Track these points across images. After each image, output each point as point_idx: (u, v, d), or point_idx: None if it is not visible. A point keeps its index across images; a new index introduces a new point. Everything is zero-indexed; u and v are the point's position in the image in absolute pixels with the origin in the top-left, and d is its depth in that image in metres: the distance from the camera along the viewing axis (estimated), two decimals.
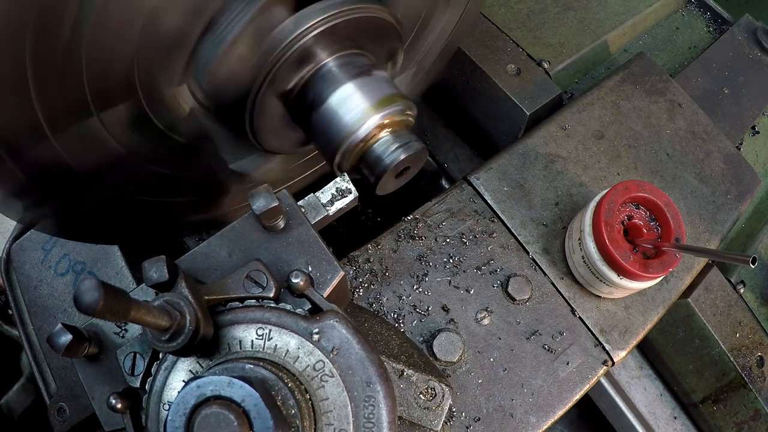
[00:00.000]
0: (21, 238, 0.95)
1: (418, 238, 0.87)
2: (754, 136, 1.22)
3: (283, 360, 0.53)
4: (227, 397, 0.43)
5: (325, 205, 0.71)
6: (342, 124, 0.62)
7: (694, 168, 1.00)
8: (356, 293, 0.82)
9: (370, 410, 0.52)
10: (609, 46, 1.20)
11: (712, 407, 0.99)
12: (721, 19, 1.36)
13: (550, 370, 0.81)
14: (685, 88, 1.09)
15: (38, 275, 0.92)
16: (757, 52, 1.26)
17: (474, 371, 0.79)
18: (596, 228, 0.79)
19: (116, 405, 0.54)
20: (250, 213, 0.62)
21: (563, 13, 1.17)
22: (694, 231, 0.96)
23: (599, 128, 1.00)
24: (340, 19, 0.60)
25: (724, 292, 0.99)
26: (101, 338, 0.61)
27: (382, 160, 0.63)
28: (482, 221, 0.90)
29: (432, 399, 0.67)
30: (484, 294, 0.84)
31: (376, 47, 0.67)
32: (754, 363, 0.97)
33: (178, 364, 0.54)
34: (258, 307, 0.55)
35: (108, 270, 0.90)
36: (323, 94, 0.63)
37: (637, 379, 1.02)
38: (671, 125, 1.03)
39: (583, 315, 0.85)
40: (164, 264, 0.51)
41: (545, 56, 1.09)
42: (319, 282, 0.62)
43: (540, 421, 0.78)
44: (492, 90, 1.04)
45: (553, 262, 0.88)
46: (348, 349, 0.53)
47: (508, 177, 0.93)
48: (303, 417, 0.49)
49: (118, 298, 0.39)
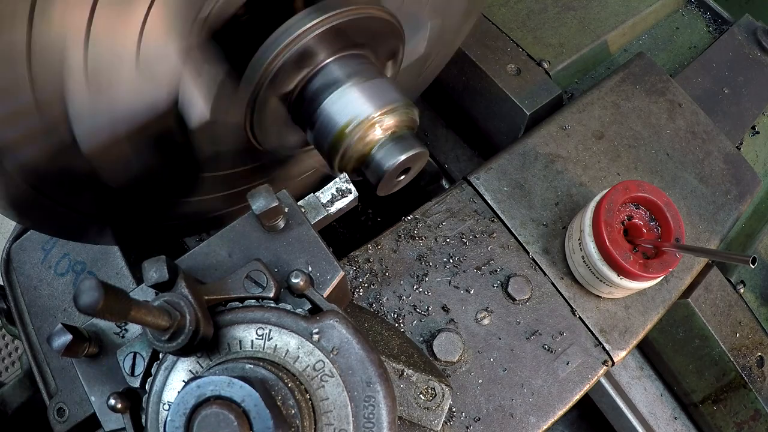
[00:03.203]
0: (21, 238, 0.95)
1: (418, 238, 0.87)
2: (754, 136, 1.22)
3: (283, 360, 0.53)
4: (227, 397, 0.43)
5: (325, 205, 0.71)
6: (341, 125, 0.62)
7: (694, 168, 1.00)
8: (356, 293, 0.82)
9: (370, 410, 0.52)
10: (609, 46, 1.19)
11: (712, 407, 0.99)
12: (721, 19, 1.36)
13: (550, 370, 0.81)
14: (685, 88, 1.08)
15: (38, 275, 0.92)
16: (757, 52, 1.26)
17: (474, 371, 0.79)
18: (596, 228, 0.79)
19: (116, 405, 0.54)
20: (250, 213, 0.62)
21: (563, 13, 1.17)
22: (694, 231, 0.96)
23: (599, 128, 1.00)
24: (340, 19, 0.60)
25: (724, 292, 0.99)
26: (101, 338, 0.61)
27: (383, 161, 0.63)
28: (482, 221, 0.90)
29: (432, 399, 0.67)
30: (484, 294, 0.84)
31: (377, 47, 0.67)
32: (754, 363, 0.97)
33: (178, 364, 0.54)
34: (258, 307, 0.55)
35: (108, 270, 0.90)
36: (324, 95, 0.63)
37: (638, 379, 1.02)
38: (671, 125, 1.03)
39: (583, 315, 0.85)
40: (164, 264, 0.51)
41: (545, 56, 1.09)
42: (319, 282, 0.62)
43: (540, 421, 0.78)
44: (492, 90, 1.04)
45: (553, 262, 0.88)
46: (348, 349, 0.53)
47: (508, 177, 0.93)
48: (303, 417, 0.49)
49: (118, 298, 0.39)
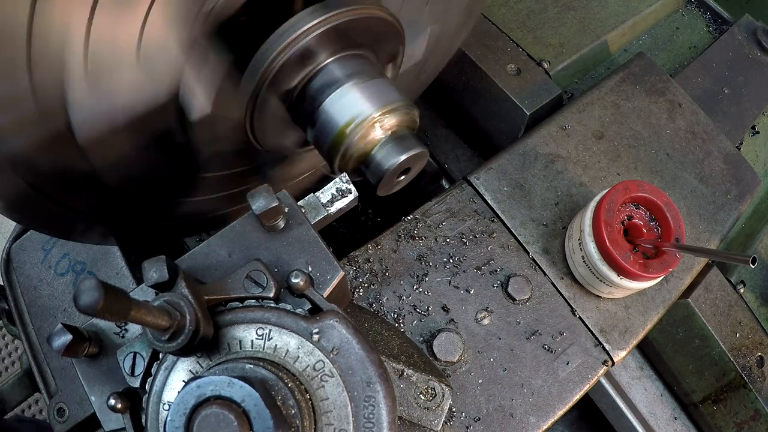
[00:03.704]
0: (21, 238, 0.95)
1: (418, 238, 0.87)
2: (754, 136, 1.22)
3: (283, 360, 0.53)
4: (227, 397, 0.43)
5: (325, 205, 0.71)
6: (342, 126, 0.62)
7: (694, 168, 1.00)
8: (356, 293, 0.82)
9: (370, 410, 0.52)
10: (609, 46, 1.19)
11: (712, 407, 0.99)
12: (721, 19, 1.36)
13: (550, 370, 0.81)
14: (685, 88, 1.08)
15: (38, 275, 0.92)
16: (757, 52, 1.26)
17: (474, 371, 0.79)
18: (596, 228, 0.79)
19: (116, 405, 0.54)
20: (250, 213, 0.62)
21: (563, 13, 1.17)
22: (694, 231, 0.96)
23: (599, 128, 1.00)
24: (341, 19, 0.59)
25: (724, 292, 0.99)
26: (101, 338, 0.61)
27: (383, 162, 0.63)
28: (482, 221, 0.90)
29: (432, 399, 0.67)
30: (484, 294, 0.84)
31: (378, 47, 0.67)
32: (754, 363, 0.97)
33: (178, 364, 0.54)
34: (258, 307, 0.55)
35: (108, 270, 0.90)
36: (324, 95, 0.63)
37: (638, 379, 1.02)
38: (671, 125, 1.03)
39: (583, 315, 0.85)
40: (164, 264, 0.51)
41: (545, 56, 1.09)
42: (319, 282, 0.62)
43: (540, 421, 0.78)
44: (492, 90, 1.04)
45: (553, 262, 0.88)
46: (348, 349, 0.53)
47: (508, 177, 0.93)
48: (303, 417, 0.49)
49: (118, 298, 0.39)
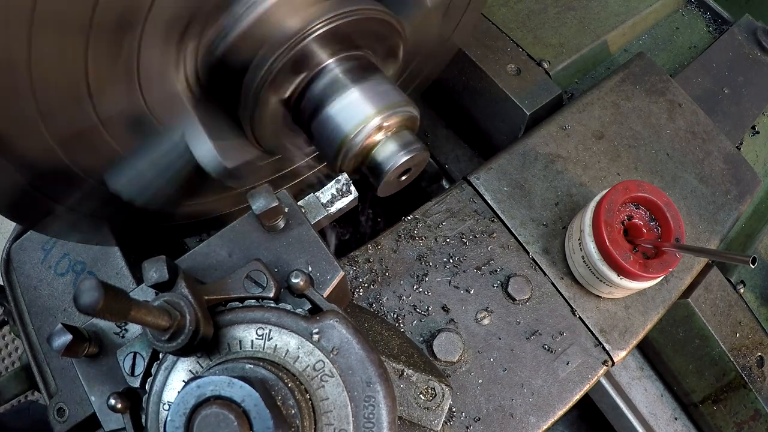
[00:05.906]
0: (21, 238, 0.95)
1: (418, 238, 0.87)
2: (754, 136, 1.22)
3: (283, 360, 0.53)
4: (227, 397, 0.43)
5: (325, 205, 0.71)
6: (343, 127, 0.62)
7: (694, 168, 1.00)
8: (356, 293, 0.82)
9: (370, 410, 0.52)
10: (609, 46, 1.19)
11: (712, 407, 0.99)
12: (721, 19, 1.36)
13: (550, 370, 0.81)
14: (685, 88, 1.08)
15: (38, 275, 0.92)
16: (757, 52, 1.26)
17: (474, 371, 0.79)
18: (596, 228, 0.79)
19: (116, 405, 0.54)
20: (250, 213, 0.62)
21: (563, 13, 1.17)
22: (694, 231, 0.95)
23: (599, 128, 0.99)
24: (341, 20, 0.59)
25: (724, 292, 0.99)
26: (101, 338, 0.61)
27: (384, 163, 0.63)
28: (482, 221, 0.90)
29: (432, 399, 0.67)
30: (484, 294, 0.84)
31: (378, 45, 0.67)
32: (754, 363, 0.97)
33: (178, 364, 0.54)
34: (258, 307, 0.55)
35: (108, 270, 0.90)
36: (324, 96, 0.63)
37: (638, 380, 1.02)
38: (671, 125, 1.03)
39: (583, 315, 0.85)
40: (164, 264, 0.51)
41: (545, 56, 1.09)
42: (319, 282, 0.62)
43: (540, 421, 0.78)
44: (492, 90, 1.04)
45: (553, 262, 0.88)
46: (348, 349, 0.53)
47: (508, 177, 0.93)
48: (303, 417, 0.49)
49: (118, 298, 0.39)
